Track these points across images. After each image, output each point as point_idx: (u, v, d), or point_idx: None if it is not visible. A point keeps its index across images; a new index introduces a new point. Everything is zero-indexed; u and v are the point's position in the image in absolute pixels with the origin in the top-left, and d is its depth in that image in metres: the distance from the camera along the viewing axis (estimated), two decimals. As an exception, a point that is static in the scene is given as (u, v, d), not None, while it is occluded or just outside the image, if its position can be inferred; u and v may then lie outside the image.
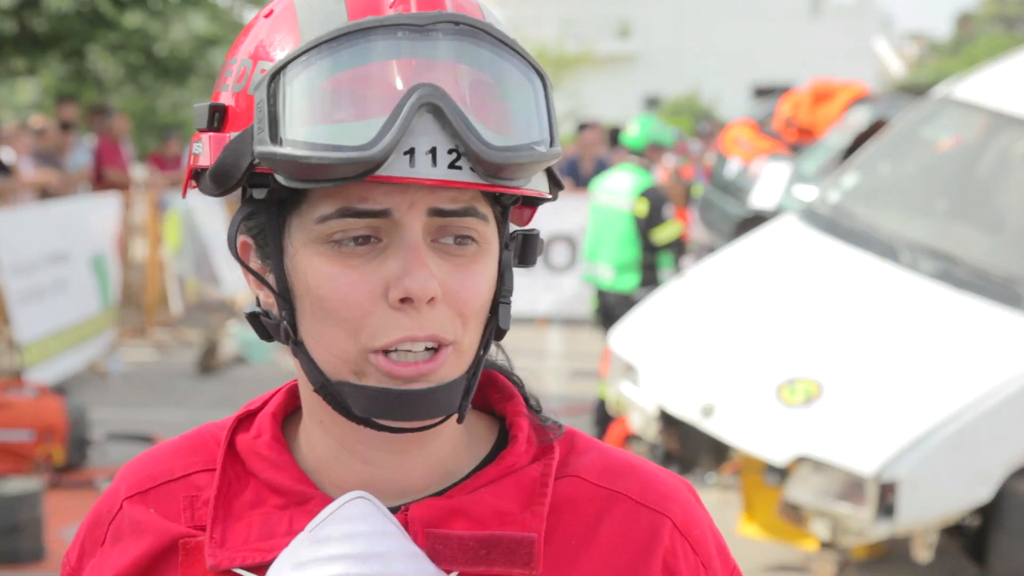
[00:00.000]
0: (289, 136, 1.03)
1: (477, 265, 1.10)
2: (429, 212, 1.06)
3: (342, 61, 1.03)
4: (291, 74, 1.04)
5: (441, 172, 1.03)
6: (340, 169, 1.01)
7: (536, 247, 1.18)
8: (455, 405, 1.10)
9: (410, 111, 1.01)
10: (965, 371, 5.40)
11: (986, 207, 6.52)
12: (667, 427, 5.94)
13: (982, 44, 50.59)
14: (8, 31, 14.65)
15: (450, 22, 1.04)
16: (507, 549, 1.11)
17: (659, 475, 1.21)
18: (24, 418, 7.09)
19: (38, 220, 9.59)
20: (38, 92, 23.08)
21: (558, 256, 12.93)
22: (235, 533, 1.14)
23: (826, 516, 5.22)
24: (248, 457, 1.18)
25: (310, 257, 1.08)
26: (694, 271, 6.87)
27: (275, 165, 1.03)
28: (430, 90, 1.02)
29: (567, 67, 33.75)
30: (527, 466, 1.16)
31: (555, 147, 1.08)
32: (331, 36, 1.03)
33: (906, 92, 16.55)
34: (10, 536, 5.65)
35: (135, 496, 1.21)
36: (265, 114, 1.04)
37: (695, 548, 1.18)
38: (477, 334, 1.12)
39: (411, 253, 1.06)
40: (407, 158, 1.02)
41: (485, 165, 1.03)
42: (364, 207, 1.05)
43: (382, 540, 1.10)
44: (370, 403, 1.08)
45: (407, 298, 1.05)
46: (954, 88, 6.86)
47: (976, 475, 5.24)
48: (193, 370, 10.23)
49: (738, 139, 11.09)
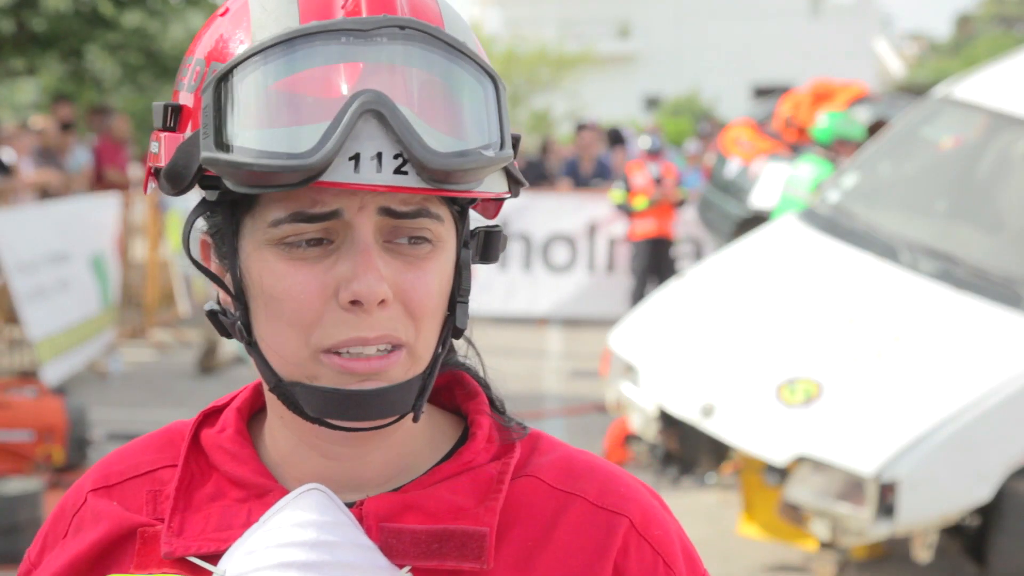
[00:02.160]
0: (233, 141, 1.03)
1: (430, 264, 1.09)
2: (380, 212, 1.06)
3: (285, 67, 1.03)
4: (236, 79, 1.04)
5: (386, 177, 1.02)
6: (281, 176, 1.02)
7: (498, 243, 1.18)
8: (408, 405, 1.10)
9: (352, 117, 1.01)
10: (965, 371, 5.40)
11: (986, 207, 6.52)
12: (667, 427, 5.94)
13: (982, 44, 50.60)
14: (7, 30, 14.64)
15: (396, 26, 1.03)
16: (459, 542, 1.11)
17: (620, 477, 1.20)
18: (24, 418, 7.09)
19: (38, 220, 9.60)
20: (38, 92, 23.09)
21: (558, 256, 12.93)
22: (193, 524, 1.15)
23: (826, 516, 5.22)
24: (211, 451, 1.19)
25: (264, 258, 1.08)
26: (694, 271, 6.87)
27: (219, 170, 1.04)
28: (372, 96, 1.01)
29: (567, 67, 33.70)
30: (485, 464, 1.16)
31: (505, 150, 1.07)
32: (274, 42, 1.03)
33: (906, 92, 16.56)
34: (10, 536, 5.65)
35: (100, 489, 1.23)
36: (211, 118, 1.04)
37: (656, 547, 1.16)
38: (433, 334, 1.11)
39: (361, 256, 1.06)
40: (352, 163, 1.02)
41: (429, 171, 1.02)
42: (315, 211, 1.05)
43: (333, 529, 1.11)
44: (322, 404, 1.08)
45: (356, 300, 1.06)
46: (954, 88, 6.86)
47: (976, 475, 5.24)
48: (193, 370, 10.23)
49: (738, 139, 11.08)
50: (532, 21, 42.23)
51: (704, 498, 6.89)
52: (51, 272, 9.34)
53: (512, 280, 12.71)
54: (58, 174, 11.29)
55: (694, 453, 6.00)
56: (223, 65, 1.05)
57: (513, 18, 44.37)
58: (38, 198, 10.92)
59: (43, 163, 11.34)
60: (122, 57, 16.16)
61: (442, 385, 1.24)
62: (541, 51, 33.33)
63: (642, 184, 11.33)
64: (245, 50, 1.04)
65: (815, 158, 8.09)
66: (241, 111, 1.03)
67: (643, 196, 11.30)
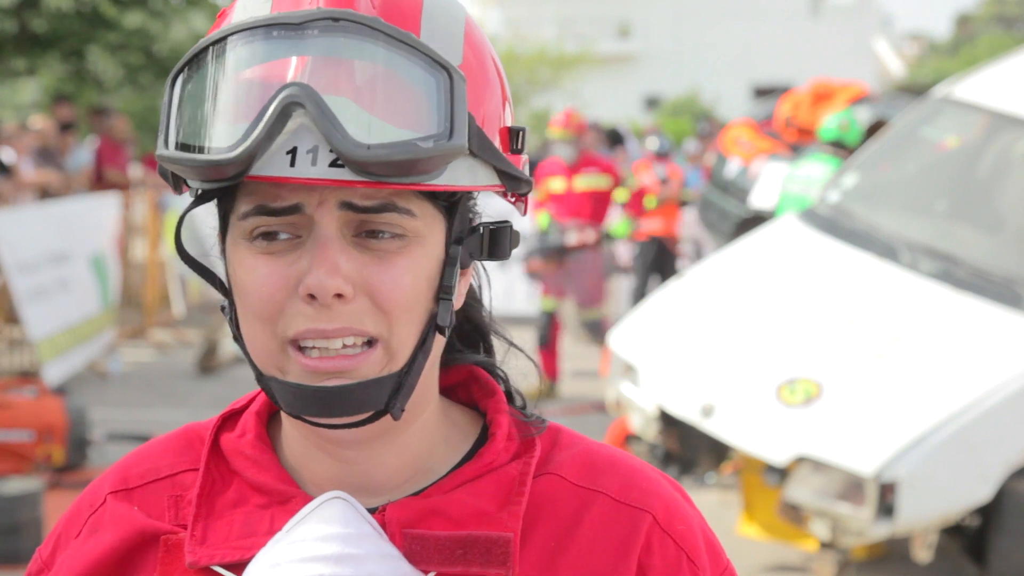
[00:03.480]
0: (175, 138, 1.05)
1: (400, 258, 1.08)
2: (341, 206, 1.06)
3: (225, 64, 1.03)
4: (182, 77, 1.05)
5: (320, 171, 1.01)
6: (212, 170, 1.02)
7: (507, 240, 1.17)
8: (381, 402, 1.08)
9: (274, 112, 1.00)
10: (965, 371, 5.40)
11: (986, 207, 6.52)
12: (667, 427, 5.94)
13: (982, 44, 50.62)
14: (8, 31, 14.64)
15: (329, 18, 1.03)
16: (483, 549, 1.11)
17: (642, 471, 1.20)
18: (24, 418, 7.09)
19: (38, 220, 9.60)
20: (39, 92, 23.09)
21: (558, 256, 12.92)
22: (216, 531, 1.15)
23: (826, 516, 5.22)
24: (232, 456, 1.19)
25: (238, 253, 1.09)
26: (694, 271, 6.87)
27: (166, 166, 1.06)
28: (296, 90, 1.01)
29: (567, 67, 33.70)
30: (506, 464, 1.16)
31: (454, 141, 1.03)
32: (211, 41, 1.04)
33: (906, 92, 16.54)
34: (10, 536, 5.65)
35: (120, 492, 1.22)
36: (163, 117, 1.06)
37: (679, 542, 1.16)
38: (410, 330, 1.09)
39: (319, 251, 1.06)
40: (289, 157, 1.02)
41: (354, 163, 1.01)
42: (276, 205, 1.06)
43: (357, 542, 1.10)
44: (292, 399, 1.08)
45: (312, 294, 1.05)
46: (954, 88, 6.86)
47: (976, 475, 5.24)
48: (193, 370, 10.23)
49: (738, 139, 11.08)
50: (532, 21, 42.24)
51: (704, 498, 6.89)
52: (51, 272, 9.34)
53: (512, 280, 12.71)
54: (58, 174, 11.30)
55: (694, 453, 6.00)
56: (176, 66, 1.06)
57: (513, 18, 44.37)
58: (38, 198, 10.92)
59: (43, 163, 11.35)
60: (123, 57, 16.17)
61: (458, 381, 1.23)
62: (541, 51, 33.33)
63: (649, 184, 11.48)
64: (192, 49, 1.05)
65: (824, 156, 8.08)
66: (181, 109, 1.05)
67: (651, 195, 11.45)
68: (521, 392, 1.24)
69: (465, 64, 1.08)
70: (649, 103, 44.93)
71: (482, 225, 1.16)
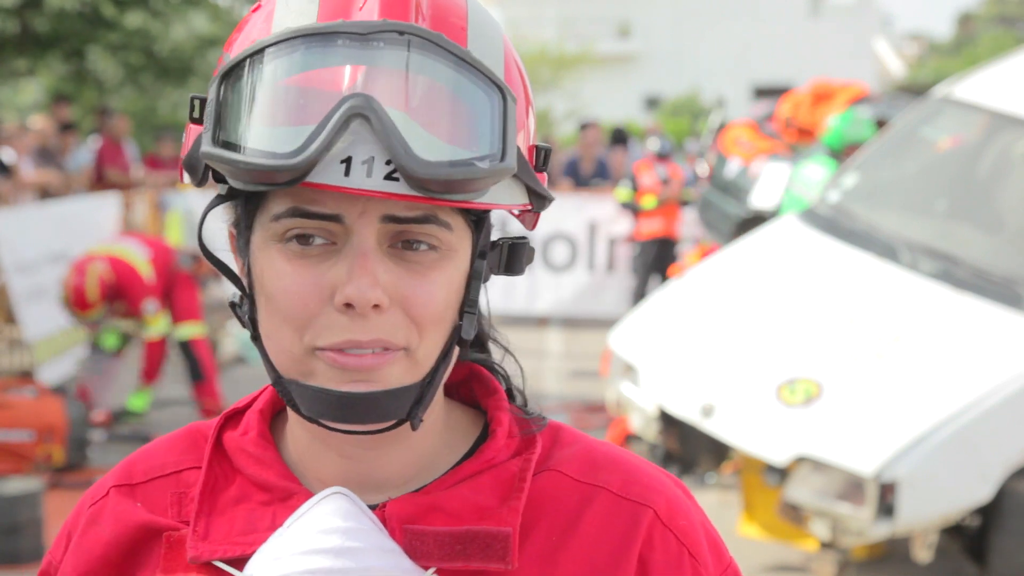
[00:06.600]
0: (227, 137, 1.03)
1: (435, 272, 1.08)
2: (383, 219, 1.06)
3: (283, 67, 1.02)
4: (235, 76, 1.04)
5: (376, 183, 1.01)
6: (267, 175, 1.01)
7: (523, 256, 1.17)
8: (403, 412, 1.09)
9: (338, 121, 1.00)
10: (965, 371, 5.40)
11: (986, 207, 6.51)
12: (667, 427, 5.93)
13: (982, 44, 50.61)
14: (10, 31, 14.64)
15: (395, 31, 1.02)
16: (483, 543, 1.11)
17: (643, 468, 1.20)
18: (24, 418, 7.10)
19: (38, 220, 9.61)
20: (40, 93, 23.09)
21: (558, 256, 12.93)
22: (218, 527, 1.15)
23: (826, 516, 5.22)
24: (235, 454, 1.19)
25: (268, 255, 1.09)
26: (694, 271, 6.87)
27: (214, 165, 1.04)
28: (361, 100, 1.00)
29: (567, 67, 33.69)
30: (507, 461, 1.16)
31: (506, 162, 1.03)
32: (273, 41, 1.03)
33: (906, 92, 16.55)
34: (10, 536, 5.65)
35: (123, 487, 1.23)
36: (211, 113, 1.04)
37: (680, 537, 1.16)
38: (437, 342, 1.10)
39: (358, 260, 1.05)
40: (343, 167, 1.01)
41: (415, 179, 1.00)
42: (314, 209, 1.05)
43: (357, 535, 1.11)
44: (314, 404, 1.08)
45: (350, 304, 1.05)
46: (954, 88, 6.86)
47: (976, 475, 5.24)
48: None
49: (738, 139, 11.07)
50: (532, 21, 42.20)
51: (704, 498, 6.89)
52: (51, 272, 9.35)
53: (512, 280, 12.73)
54: (58, 174, 11.30)
55: (694, 453, 5.99)
56: (228, 61, 1.05)
57: (513, 18, 44.35)
58: (38, 198, 10.92)
59: (43, 163, 11.35)
60: (124, 58, 16.17)
61: (459, 380, 1.23)
62: (541, 51, 33.31)
63: (649, 184, 11.49)
64: (246, 50, 1.04)
65: (823, 158, 8.08)
66: (236, 109, 1.03)
67: (651, 195, 11.47)
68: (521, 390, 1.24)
69: (509, 79, 1.09)
70: (649, 103, 44.92)
71: (502, 240, 1.16)
